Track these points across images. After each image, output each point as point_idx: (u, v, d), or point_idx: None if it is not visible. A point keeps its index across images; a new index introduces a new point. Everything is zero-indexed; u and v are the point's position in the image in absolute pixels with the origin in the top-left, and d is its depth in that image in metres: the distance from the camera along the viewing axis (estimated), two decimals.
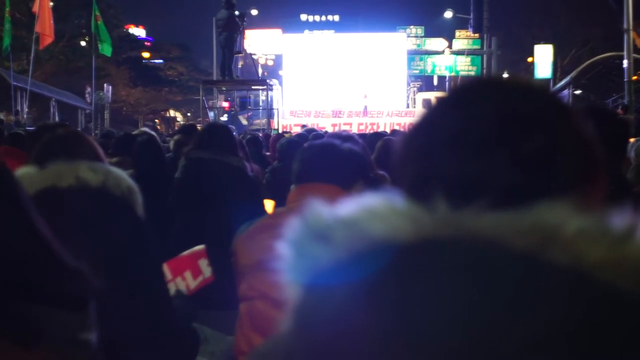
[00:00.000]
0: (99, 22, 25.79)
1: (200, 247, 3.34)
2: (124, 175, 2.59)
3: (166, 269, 3.08)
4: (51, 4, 22.73)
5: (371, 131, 22.15)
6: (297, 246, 0.82)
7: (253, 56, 35.08)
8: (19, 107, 24.40)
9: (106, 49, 25.99)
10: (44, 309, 1.34)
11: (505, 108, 0.83)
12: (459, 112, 0.85)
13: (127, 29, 61.27)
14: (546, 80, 33.88)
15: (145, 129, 6.87)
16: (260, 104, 28.47)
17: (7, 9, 21.59)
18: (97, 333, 1.53)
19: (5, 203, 1.41)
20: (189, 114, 60.97)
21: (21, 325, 1.29)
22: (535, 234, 0.72)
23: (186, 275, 3.22)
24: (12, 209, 1.41)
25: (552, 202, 0.74)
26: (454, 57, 35.99)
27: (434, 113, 0.90)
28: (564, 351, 0.66)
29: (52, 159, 2.53)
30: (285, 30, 38.81)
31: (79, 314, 1.42)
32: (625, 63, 22.32)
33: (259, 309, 2.45)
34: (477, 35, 35.32)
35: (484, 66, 35.13)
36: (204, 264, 3.28)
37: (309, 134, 7.70)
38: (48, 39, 22.22)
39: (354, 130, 24.69)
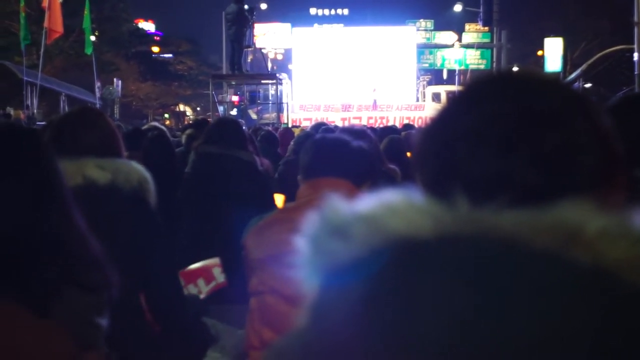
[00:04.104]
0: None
1: (214, 259, 3.35)
2: (134, 168, 2.56)
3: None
4: None
5: (381, 125, 22.16)
6: (314, 242, 0.82)
7: (262, 50, 35.04)
8: (29, 102, 24.46)
9: (88, 48, 26.18)
10: (63, 286, 1.39)
11: (525, 104, 0.82)
12: (478, 108, 0.84)
13: (137, 24, 61.40)
14: (556, 74, 33.79)
15: (155, 123, 6.88)
16: (270, 98, 28.43)
17: (22, 5, 21.65)
18: (109, 324, 1.57)
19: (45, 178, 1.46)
20: (198, 109, 60.98)
21: (39, 295, 1.35)
22: (556, 233, 0.71)
23: (199, 282, 3.24)
24: (49, 185, 1.47)
25: (573, 200, 0.73)
26: (463, 51, 35.86)
27: (452, 109, 0.89)
28: (585, 350, 0.66)
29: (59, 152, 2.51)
30: (294, 24, 38.66)
31: (95, 298, 1.45)
32: (635, 56, 22.25)
33: (269, 304, 2.45)
34: (486, 28, 35.16)
35: (494, 59, 34.97)
36: (217, 272, 3.29)
37: (319, 128, 7.68)
38: (56, 33, 22.28)
39: (364, 123, 24.65)
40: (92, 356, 1.47)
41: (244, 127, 5.31)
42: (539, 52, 38.97)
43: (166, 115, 57.94)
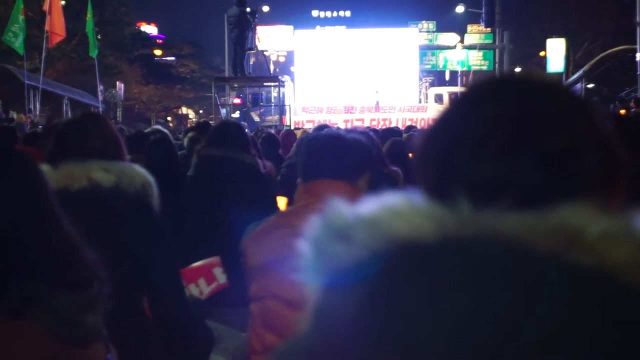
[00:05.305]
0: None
1: (214, 258, 3.35)
2: (138, 171, 2.57)
3: None
4: (63, 2, 22.83)
5: (383, 126, 22.13)
6: (317, 245, 0.82)
7: (265, 53, 35.00)
8: (31, 106, 24.49)
9: (93, 51, 26.42)
10: (39, 286, 1.38)
11: (526, 107, 0.82)
12: (480, 111, 0.84)
13: (139, 27, 61.50)
14: (558, 74, 33.77)
15: (158, 126, 6.87)
16: (272, 100, 28.41)
17: (21, 7, 21.68)
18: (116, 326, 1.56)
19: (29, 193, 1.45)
20: (201, 111, 61.00)
21: (16, 300, 1.34)
22: (558, 236, 0.71)
23: (200, 282, 3.23)
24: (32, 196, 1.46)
25: (575, 203, 0.73)
26: (466, 52, 35.91)
27: (454, 111, 0.88)
28: (586, 351, 0.66)
29: (64, 156, 2.51)
30: (296, 27, 38.76)
31: (79, 295, 1.44)
32: (638, 56, 22.27)
33: (270, 309, 2.44)
34: (489, 29, 35.22)
35: (496, 61, 35.02)
36: (218, 272, 3.29)
37: (321, 130, 7.67)
38: (58, 37, 22.33)
39: (366, 125, 24.64)
40: (82, 352, 1.46)
41: (246, 130, 5.30)
42: (542, 53, 38.96)
43: (169, 119, 57.98)
